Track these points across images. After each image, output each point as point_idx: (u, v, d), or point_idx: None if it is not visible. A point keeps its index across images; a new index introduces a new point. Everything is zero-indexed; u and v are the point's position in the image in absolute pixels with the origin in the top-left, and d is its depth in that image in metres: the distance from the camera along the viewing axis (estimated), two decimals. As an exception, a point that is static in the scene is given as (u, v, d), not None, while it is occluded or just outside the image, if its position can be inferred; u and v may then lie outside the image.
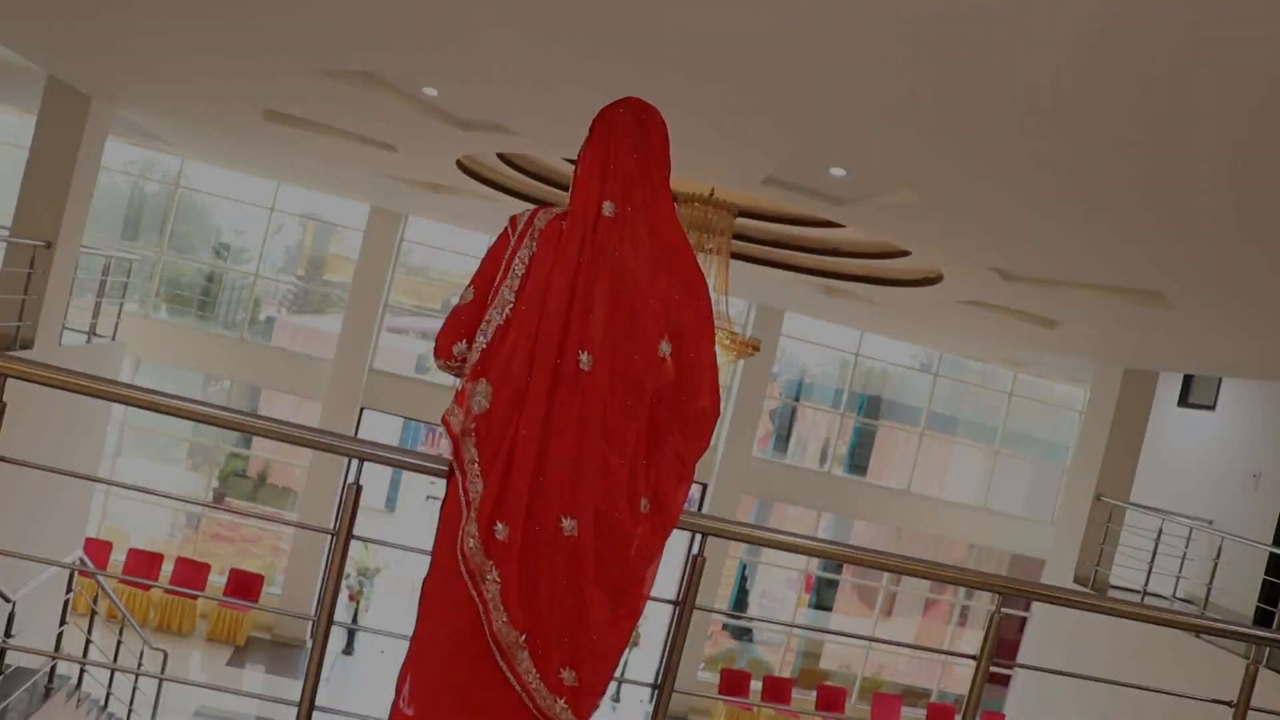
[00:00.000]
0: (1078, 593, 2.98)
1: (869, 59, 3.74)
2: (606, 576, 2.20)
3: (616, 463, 2.20)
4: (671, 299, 2.27)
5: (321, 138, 8.51)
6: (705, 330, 2.31)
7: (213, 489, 16.56)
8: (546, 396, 2.18)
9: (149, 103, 9.30)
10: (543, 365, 2.19)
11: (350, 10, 4.74)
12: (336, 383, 14.26)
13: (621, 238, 2.25)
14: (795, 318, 15.38)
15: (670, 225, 2.32)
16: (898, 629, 17.73)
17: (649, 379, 2.23)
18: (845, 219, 7.26)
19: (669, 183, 2.37)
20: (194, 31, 5.80)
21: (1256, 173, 3.93)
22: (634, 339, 2.22)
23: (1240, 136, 3.60)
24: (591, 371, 2.18)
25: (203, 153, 13.45)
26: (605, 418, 2.19)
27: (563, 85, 5.24)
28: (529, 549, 2.17)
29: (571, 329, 2.20)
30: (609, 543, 2.19)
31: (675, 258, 2.30)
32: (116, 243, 15.21)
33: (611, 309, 2.21)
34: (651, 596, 2.34)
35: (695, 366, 2.28)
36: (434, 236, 15.45)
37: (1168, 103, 3.46)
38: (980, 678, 2.98)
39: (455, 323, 2.33)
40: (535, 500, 2.17)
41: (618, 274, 2.23)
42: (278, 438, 2.61)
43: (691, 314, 2.29)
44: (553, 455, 2.17)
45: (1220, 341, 8.31)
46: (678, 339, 2.27)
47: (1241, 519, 10.98)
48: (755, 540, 2.87)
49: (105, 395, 2.63)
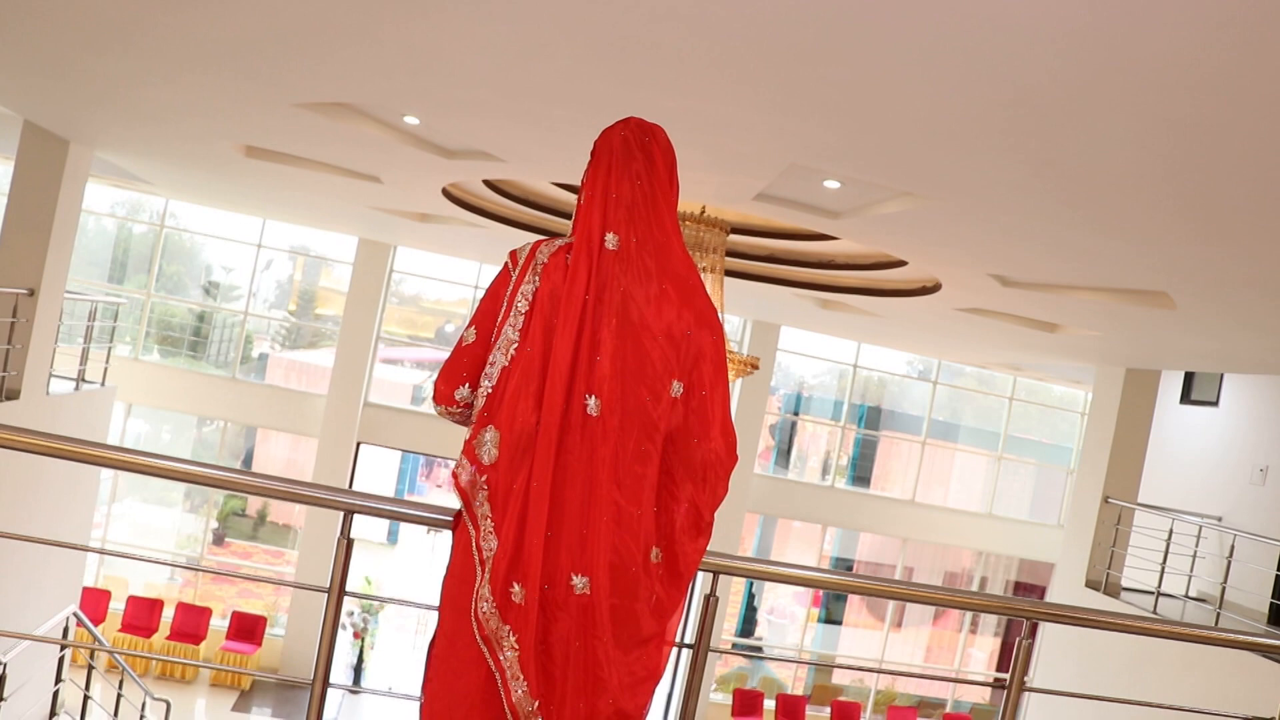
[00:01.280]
0: (1118, 615, 2.84)
1: (867, 68, 3.63)
2: (622, 635, 2.05)
3: (631, 512, 2.06)
4: (682, 334, 2.12)
5: (305, 172, 8.41)
6: (718, 366, 2.17)
7: (212, 530, 16.40)
8: (556, 444, 2.05)
9: (128, 145, 9.19)
10: (551, 410, 2.06)
11: (324, 43, 4.62)
12: (331, 419, 14.11)
13: (626, 272, 2.11)
14: (791, 332, 15.28)
15: (678, 255, 2.18)
16: (908, 639, 17.59)
17: (661, 421, 2.09)
18: (840, 232, 7.16)
19: (675, 209, 2.23)
20: (168, 73, 5.70)
21: (1272, 165, 3.82)
22: (644, 379, 2.08)
23: (1257, 129, 3.48)
24: (600, 416, 2.05)
25: (187, 192, 13.34)
26: (617, 465, 2.05)
27: (545, 108, 5.13)
28: (542, 611, 2.03)
29: (579, 371, 2.07)
30: (624, 599, 2.05)
31: (684, 290, 2.16)
32: (105, 286, 15.12)
33: (619, 348, 2.08)
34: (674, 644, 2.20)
35: (707, 405, 2.14)
36: (425, 266, 15.35)
37: (1171, 100, 3.35)
38: (1012, 705, 2.85)
39: (456, 365, 2.19)
40: (546, 558, 2.03)
41: (624, 311, 2.09)
42: (268, 494, 2.49)
43: (703, 349, 2.14)
44: (563, 508, 2.04)
45: (1224, 338, 8.21)
46: (688, 377, 2.13)
47: (1250, 514, 10.95)
48: (771, 577, 2.73)
49: (89, 459, 2.54)
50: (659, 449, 2.10)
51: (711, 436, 2.14)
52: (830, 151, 4.99)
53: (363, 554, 18.50)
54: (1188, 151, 3.85)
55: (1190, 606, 10.34)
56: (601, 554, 2.03)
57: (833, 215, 6.65)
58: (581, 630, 2.03)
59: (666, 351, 2.10)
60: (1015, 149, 4.28)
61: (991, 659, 17.59)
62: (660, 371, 2.10)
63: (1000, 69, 3.37)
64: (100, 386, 10.60)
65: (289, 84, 5.51)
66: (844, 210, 6.53)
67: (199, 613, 13.76)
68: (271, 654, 14.10)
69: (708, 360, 2.14)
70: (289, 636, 14.03)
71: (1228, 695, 8.04)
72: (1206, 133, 3.60)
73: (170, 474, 2.50)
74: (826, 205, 6.55)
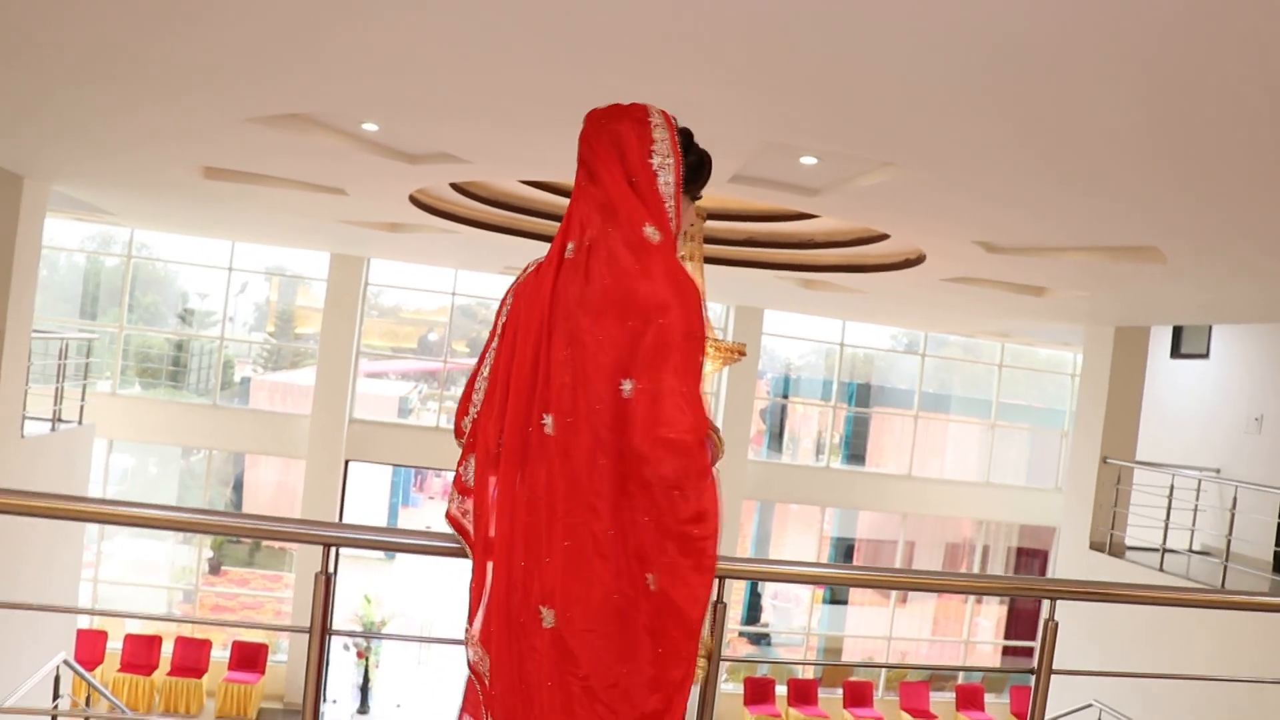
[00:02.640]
0: (1143, 587, 2.71)
1: (839, 35, 3.48)
2: (599, 679, 1.87)
3: (592, 533, 1.89)
4: (628, 327, 1.93)
5: (268, 190, 8.22)
6: (658, 351, 1.92)
7: (206, 559, 16.18)
8: (519, 467, 1.93)
9: (84, 176, 8.97)
10: (511, 431, 1.95)
11: (274, 53, 4.45)
12: (317, 439, 13.90)
13: (574, 280, 1.97)
14: (775, 314, 15.15)
15: (635, 241, 1.99)
16: (914, 613, 17.49)
17: (609, 430, 1.91)
18: (820, 209, 7.02)
19: (651, 187, 2.04)
20: (119, 100, 5.52)
21: (1266, 109, 3.69)
22: (590, 388, 1.91)
23: (1236, 68, 3.34)
24: (555, 434, 1.91)
25: (153, 220, 13.11)
26: (573, 484, 1.89)
27: (507, 104, 4.97)
28: (510, 646, 1.89)
29: (536, 390, 1.95)
30: (598, 627, 1.87)
31: (632, 279, 1.96)
32: (78, 322, 14.87)
33: (566, 361, 1.94)
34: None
35: (632, 403, 1.90)
36: (401, 276, 15.17)
37: (1147, 39, 3.21)
38: (1042, 692, 2.70)
39: (465, 396, 2.14)
40: (513, 587, 1.89)
41: (570, 321, 1.95)
42: (243, 534, 2.34)
43: (644, 339, 1.93)
44: (532, 535, 1.89)
45: (1215, 289, 8.12)
46: (632, 374, 1.92)
47: (1248, 464, 10.90)
48: (781, 577, 2.58)
49: (59, 515, 2.38)
50: (614, 461, 1.92)
51: (632, 434, 1.89)
52: (806, 125, 4.85)
53: (360, 570, 18.31)
54: (1168, 96, 3.72)
55: (1195, 561, 10.27)
56: (562, 583, 1.87)
57: (811, 192, 6.51)
58: (554, 671, 1.87)
59: (608, 350, 1.93)
60: (997, 109, 4.13)
61: (999, 627, 17.52)
62: (604, 374, 1.92)
63: (977, 26, 3.23)
64: (78, 425, 10.39)
65: (240, 98, 5.34)
66: (823, 186, 6.39)
67: (199, 645, 13.54)
68: (275, 681, 13.90)
69: (647, 348, 1.93)
70: (292, 662, 13.83)
71: (1241, 652, 7.95)
72: (1185, 73, 3.46)
73: (139, 521, 2.36)
74: (805, 182, 6.41)
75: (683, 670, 1.88)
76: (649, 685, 1.87)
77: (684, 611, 1.87)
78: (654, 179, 2.04)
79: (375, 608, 15.43)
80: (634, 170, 2.03)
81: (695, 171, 2.12)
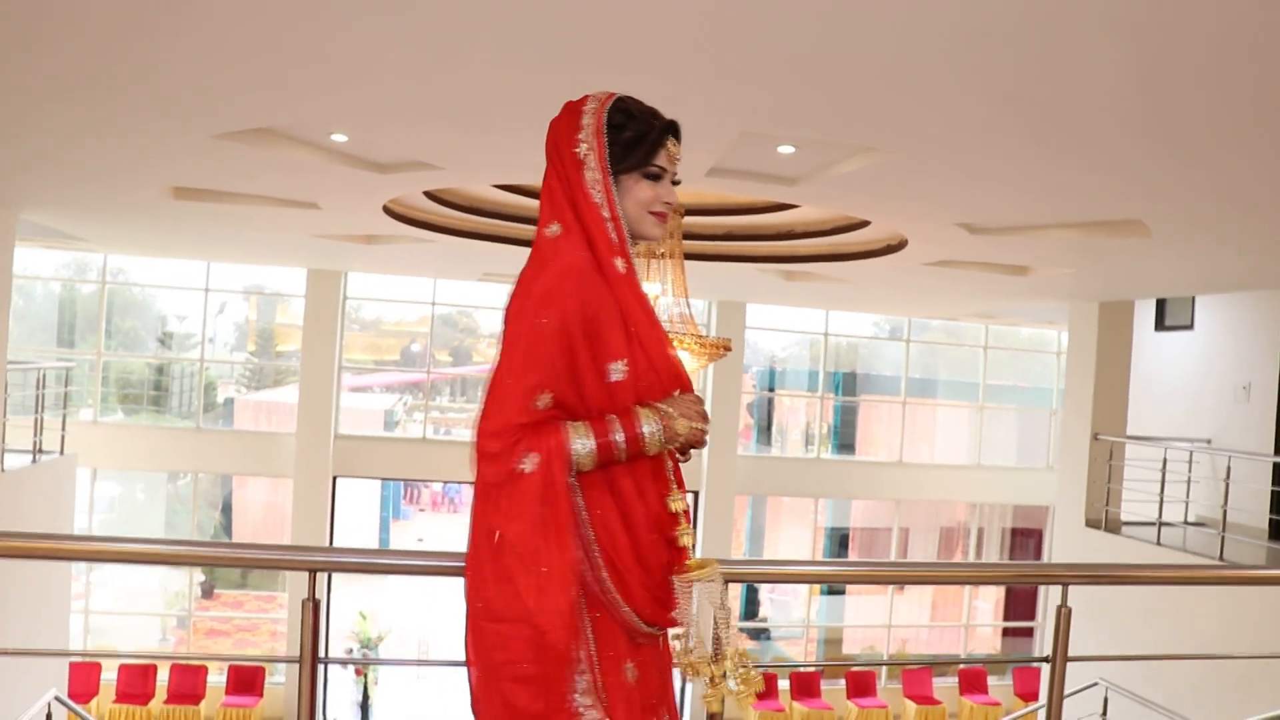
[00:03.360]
0: (1149, 567, 2.64)
1: (815, 17, 3.40)
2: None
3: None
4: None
5: (239, 207, 8.10)
6: (507, 349, 1.93)
7: (199, 583, 16.01)
8: None
9: (53, 203, 8.83)
10: None
11: (238, 67, 4.35)
12: (303, 457, 13.75)
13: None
14: (757, 308, 15.11)
15: (536, 243, 2.00)
16: (912, 599, 17.44)
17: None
18: (799, 198, 6.95)
19: (578, 177, 2.00)
20: (77, 118, 5.40)
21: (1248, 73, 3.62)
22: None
23: (1217, 28, 3.28)
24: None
25: (126, 245, 12.95)
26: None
27: (476, 105, 4.87)
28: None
29: None
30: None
31: (521, 283, 1.97)
32: (56, 351, 14.70)
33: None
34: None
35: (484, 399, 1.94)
36: (380, 289, 15.07)
37: (1141, 17, 3.14)
38: (1059, 680, 2.63)
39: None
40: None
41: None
42: (223, 564, 2.26)
43: (505, 332, 1.95)
44: None
45: (1199, 260, 8.09)
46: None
47: (1238, 432, 10.94)
48: (785, 578, 2.50)
49: (41, 555, 2.28)
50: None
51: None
52: (783, 112, 4.77)
53: (354, 586, 18.15)
54: (1151, 61, 3.65)
55: (1191, 533, 10.26)
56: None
57: (790, 182, 6.43)
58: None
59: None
60: (978, 84, 4.06)
61: (997, 608, 17.50)
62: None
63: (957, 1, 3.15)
64: (60, 455, 10.24)
65: (207, 115, 5.23)
66: (801, 175, 6.31)
67: (194, 672, 13.36)
68: (274, 704, 13.75)
69: (501, 345, 1.94)
70: (289, 684, 13.68)
71: (1244, 620, 7.92)
72: (1168, 37, 3.39)
73: (123, 557, 2.27)
74: (783, 172, 6.33)
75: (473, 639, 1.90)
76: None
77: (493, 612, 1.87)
78: (581, 168, 1.99)
79: (371, 624, 15.29)
80: (566, 164, 2.00)
81: (630, 147, 2.01)
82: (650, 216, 2.03)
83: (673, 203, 2.07)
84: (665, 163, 2.04)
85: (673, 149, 2.05)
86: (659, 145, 2.02)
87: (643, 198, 2.02)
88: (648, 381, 1.98)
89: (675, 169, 2.07)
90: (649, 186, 2.01)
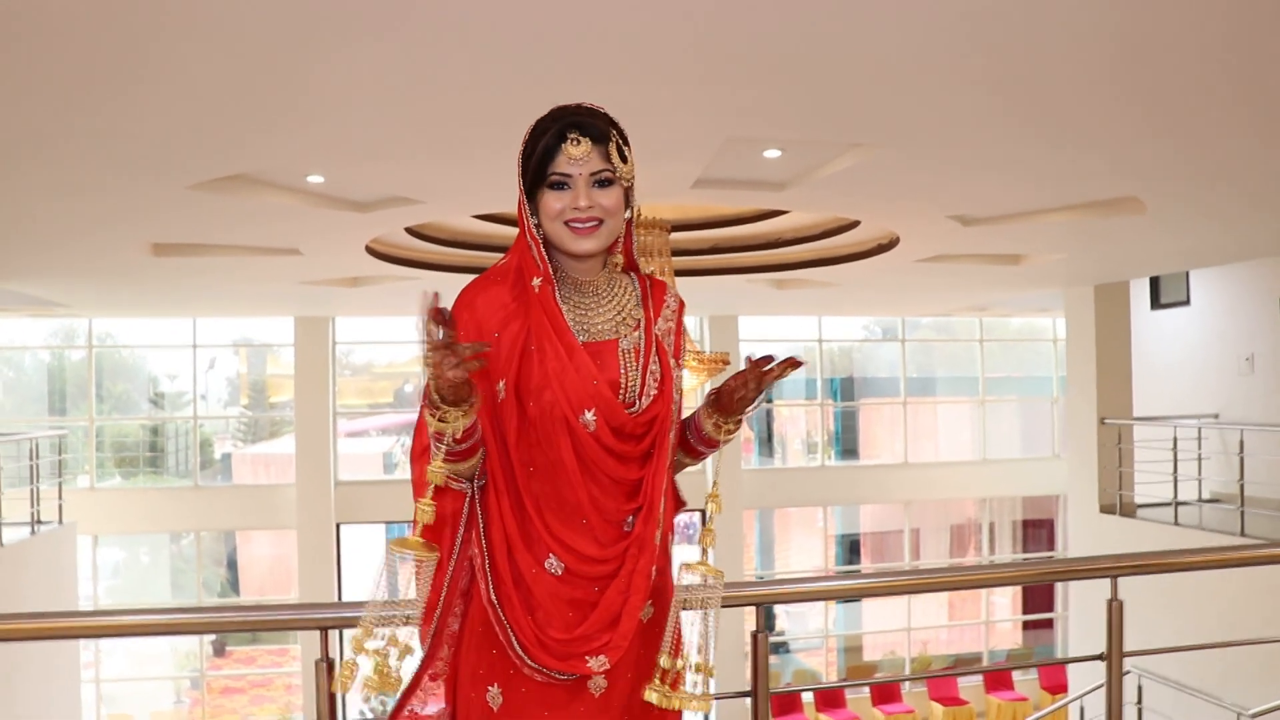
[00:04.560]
0: (1199, 551, 2.52)
1: (797, 13, 3.30)
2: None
3: None
4: None
5: (220, 259, 7.99)
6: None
7: (210, 642, 15.81)
8: None
9: (31, 270, 8.69)
10: None
11: (204, 109, 4.23)
12: (305, 506, 13.58)
13: None
14: (749, 320, 15.02)
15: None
16: (929, 601, 17.28)
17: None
18: (788, 203, 6.84)
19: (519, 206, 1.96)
20: (46, 180, 5.29)
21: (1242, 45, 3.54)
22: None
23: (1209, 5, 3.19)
24: None
25: (110, 307, 12.82)
26: None
27: (451, 132, 4.76)
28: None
29: None
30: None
31: None
32: (48, 420, 14.54)
33: None
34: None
35: None
36: (369, 332, 14.95)
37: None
38: (1116, 677, 2.50)
39: None
40: None
41: None
42: (231, 629, 2.12)
43: None
44: None
45: (1195, 234, 8.01)
46: None
47: (1245, 405, 10.85)
48: (821, 595, 2.37)
49: (46, 635, 2.17)
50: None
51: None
52: (768, 114, 4.67)
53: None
54: (1137, 33, 3.56)
55: (1207, 510, 10.13)
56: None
57: (778, 187, 6.33)
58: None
59: None
60: (966, 73, 3.97)
61: (1015, 604, 17.34)
62: None
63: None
64: (59, 525, 10.09)
65: (180, 164, 5.12)
66: (789, 179, 6.21)
67: (211, 734, 13.19)
68: (294, 760, 13.57)
69: None
70: (309, 736, 13.51)
71: (1263, 596, 7.77)
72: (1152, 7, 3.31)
73: (130, 630, 2.15)
74: (770, 177, 6.23)
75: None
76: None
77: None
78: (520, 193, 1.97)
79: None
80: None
81: (529, 161, 1.90)
82: (565, 229, 1.89)
83: (589, 206, 1.89)
84: (567, 167, 1.88)
85: (573, 150, 1.87)
86: (552, 151, 1.88)
87: (551, 211, 1.90)
88: (551, 398, 1.88)
89: (590, 169, 1.89)
90: (555, 197, 1.88)
